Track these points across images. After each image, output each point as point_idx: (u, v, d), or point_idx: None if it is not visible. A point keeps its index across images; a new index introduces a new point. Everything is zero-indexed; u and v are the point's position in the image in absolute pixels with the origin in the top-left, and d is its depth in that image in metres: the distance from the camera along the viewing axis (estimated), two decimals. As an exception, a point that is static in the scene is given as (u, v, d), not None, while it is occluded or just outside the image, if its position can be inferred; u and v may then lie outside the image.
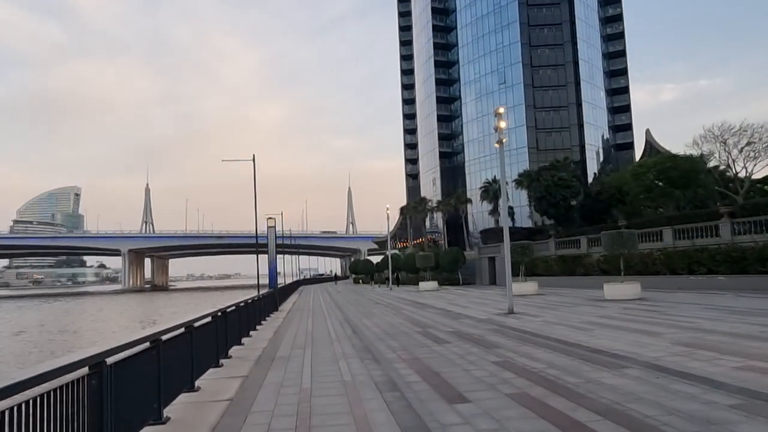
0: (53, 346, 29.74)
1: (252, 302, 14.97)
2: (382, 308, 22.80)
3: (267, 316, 20.06)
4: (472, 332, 12.62)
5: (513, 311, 16.92)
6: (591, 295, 24.36)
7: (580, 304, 19.46)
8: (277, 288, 23.80)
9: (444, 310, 19.74)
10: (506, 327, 13.36)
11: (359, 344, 11.55)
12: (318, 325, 16.39)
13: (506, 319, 15.38)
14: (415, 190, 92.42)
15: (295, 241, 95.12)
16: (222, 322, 9.78)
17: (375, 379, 7.61)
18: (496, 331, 12.58)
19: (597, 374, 7.17)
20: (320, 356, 10.06)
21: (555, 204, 36.08)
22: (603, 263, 30.68)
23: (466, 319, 16.17)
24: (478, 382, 7.11)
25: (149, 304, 75.59)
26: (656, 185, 31.74)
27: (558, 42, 70.93)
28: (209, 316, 8.97)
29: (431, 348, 10.40)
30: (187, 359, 7.11)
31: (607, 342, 10.01)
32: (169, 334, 6.21)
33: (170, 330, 6.31)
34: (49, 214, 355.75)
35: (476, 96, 76.50)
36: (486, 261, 43.09)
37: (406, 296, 32.03)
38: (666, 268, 26.70)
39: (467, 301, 25.00)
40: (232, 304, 11.89)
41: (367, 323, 16.36)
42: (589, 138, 71.38)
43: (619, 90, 79.16)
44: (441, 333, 12.82)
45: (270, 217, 23.70)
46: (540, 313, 16.74)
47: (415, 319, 16.69)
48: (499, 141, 17.18)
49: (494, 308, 19.63)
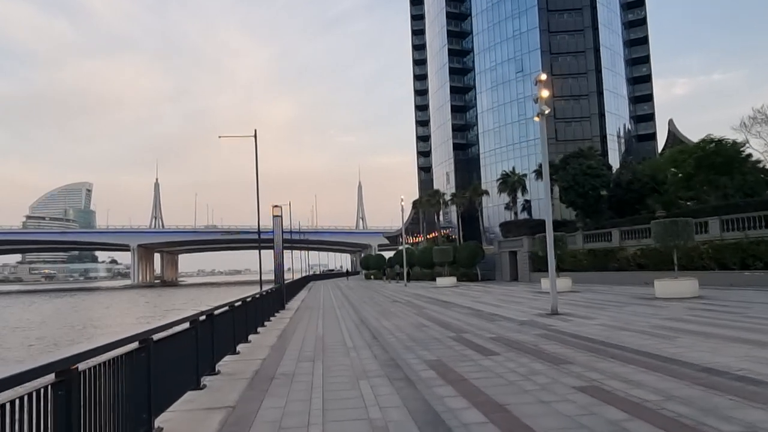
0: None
1: (252, 301, 12.67)
2: (401, 307, 20.45)
3: (272, 315, 17.80)
4: (521, 339, 10.22)
5: (557, 311, 14.48)
6: (634, 292, 21.84)
7: (629, 303, 16.96)
8: (284, 284, 21.53)
9: (472, 310, 17.33)
10: (559, 332, 10.94)
11: (383, 355, 9.19)
12: (330, 328, 14.06)
13: (553, 321, 12.94)
14: (428, 183, 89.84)
15: (304, 236, 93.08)
16: (205, 329, 7.48)
17: (415, 416, 5.26)
18: (550, 338, 10.17)
19: (752, 414, 4.76)
20: (334, 374, 7.71)
21: (583, 194, 33.41)
22: (640, 257, 28.07)
23: (503, 320, 13.77)
24: (576, 427, 4.71)
25: (157, 299, 73.98)
26: (697, 172, 29.00)
27: (578, 28, 67.84)
28: (187, 321, 6.69)
29: (478, 363, 8.02)
30: (141, 387, 4.77)
31: (709, 356, 7.58)
32: (99, 357, 3.89)
33: (102, 350, 3.98)
34: (62, 210, 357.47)
35: (492, 85, 73.66)
36: (506, 255, 40.55)
37: (423, 293, 29.64)
38: (715, 262, 24.03)
39: (494, 298, 22.56)
40: (225, 303, 9.61)
41: (387, 325, 14.01)
42: (611, 128, 68.39)
43: (641, 78, 75.82)
44: (481, 340, 10.43)
45: (275, 205, 21.42)
46: (590, 313, 14.29)
47: (443, 321, 14.31)
48: (540, 113, 14.71)
49: (529, 307, 17.21)
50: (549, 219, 15.42)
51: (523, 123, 68.95)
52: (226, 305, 9.68)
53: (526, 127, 68.47)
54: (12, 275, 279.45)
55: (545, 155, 15.67)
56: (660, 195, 33.19)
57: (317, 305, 23.78)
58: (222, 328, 9.01)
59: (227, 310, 9.67)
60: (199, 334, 6.99)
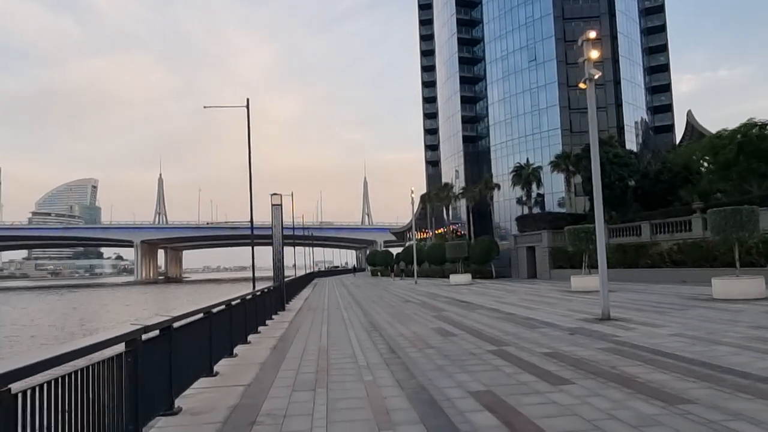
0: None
1: (241, 303, 10.29)
2: (417, 308, 18.04)
3: (270, 318, 15.45)
4: (586, 357, 7.78)
5: (609, 316, 12.03)
6: (679, 291, 19.33)
7: (687, 305, 14.47)
8: (284, 282, 19.14)
9: (501, 312, 14.90)
10: (631, 346, 8.50)
11: (408, 381, 6.77)
12: (336, 337, 11.67)
13: (611, 329, 10.49)
14: (435, 178, 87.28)
15: (309, 232, 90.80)
16: (156, 349, 5.10)
17: None
18: (625, 355, 7.74)
19: None
20: (343, 416, 5.30)
21: (609, 185, 30.68)
22: (677, 253, 25.53)
23: (546, 327, 11.34)
24: None
25: (153, 297, 71.97)
26: (737, 160, 26.37)
27: (594, 14, 64.82)
28: (120, 341, 4.33)
29: (549, 397, 5.59)
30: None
31: None
32: None
33: None
34: (67, 207, 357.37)
35: (503, 75, 70.89)
36: (523, 251, 38.02)
37: (437, 291, 27.20)
38: (765, 259, 21.48)
39: (519, 298, 20.08)
40: (200, 309, 7.27)
41: (404, 333, 11.61)
42: (628, 119, 65.52)
43: (658, 68, 72.82)
44: (533, 356, 8.00)
45: (274, 193, 19.02)
46: (649, 319, 11.83)
47: (471, 328, 11.88)
48: (588, 77, 12.23)
49: (567, 310, 14.78)
50: (599, 204, 12.95)
51: (536, 114, 66.28)
52: (201, 311, 7.32)
53: (539, 118, 65.80)
54: (18, 271, 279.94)
55: (594, 127, 13.22)
56: (693, 186, 30.56)
57: (321, 305, 21.42)
58: (190, 345, 6.64)
59: (202, 317, 7.32)
60: (139, 361, 4.61)
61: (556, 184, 62.18)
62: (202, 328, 7.35)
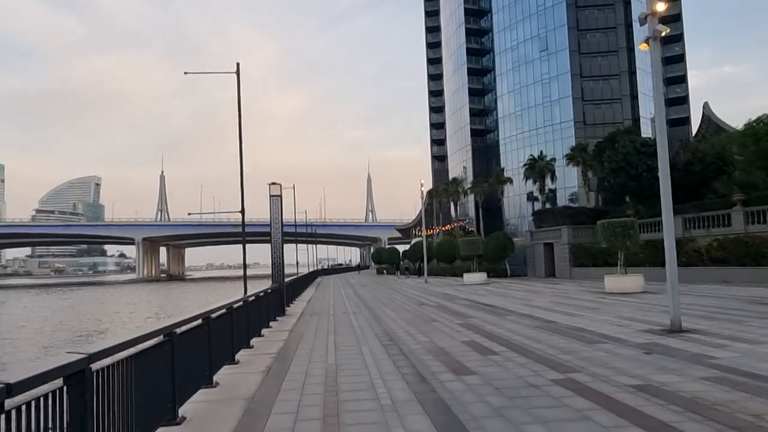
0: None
1: (226, 314, 8.10)
2: (435, 312, 15.85)
3: (266, 326, 13.30)
4: (697, 393, 5.56)
5: (681, 328, 9.83)
6: (732, 293, 17.09)
7: (759, 312, 12.24)
8: (284, 283, 16.99)
9: (539, 320, 12.68)
10: (744, 374, 6.28)
11: (460, 439, 4.58)
12: (346, 353, 9.48)
13: (696, 346, 8.26)
14: (442, 173, 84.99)
15: (313, 229, 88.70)
16: (101, 383, 2.92)
17: None
18: (747, 390, 5.53)
19: None
20: None
21: (636, 176, 28.41)
22: (717, 250, 23.27)
23: (606, 342, 9.14)
24: None
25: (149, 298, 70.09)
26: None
27: (609, 2, 62.37)
28: None
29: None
30: None
31: None
32: None
33: None
34: (71, 204, 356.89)
35: (513, 66, 68.44)
36: (541, 248, 35.75)
37: (452, 292, 24.96)
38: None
39: (550, 302, 17.84)
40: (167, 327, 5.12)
41: (431, 348, 9.40)
42: (644, 111, 62.96)
43: (674, 59, 70.22)
44: (622, 392, 5.78)
45: (273, 183, 16.87)
46: (731, 331, 9.60)
47: (512, 343, 9.67)
48: (653, 36, 9.99)
49: (616, 317, 12.58)
50: (667, 191, 10.76)
51: (548, 106, 63.85)
52: (161, 332, 5.14)
53: (550, 110, 63.38)
54: (22, 269, 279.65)
55: (659, 93, 11.05)
56: (727, 176, 28.25)
57: (326, 309, 19.26)
58: (153, 373, 4.50)
59: (166, 340, 5.15)
60: (85, 399, 2.44)
61: (568, 178, 59.88)
62: (167, 351, 5.19)
